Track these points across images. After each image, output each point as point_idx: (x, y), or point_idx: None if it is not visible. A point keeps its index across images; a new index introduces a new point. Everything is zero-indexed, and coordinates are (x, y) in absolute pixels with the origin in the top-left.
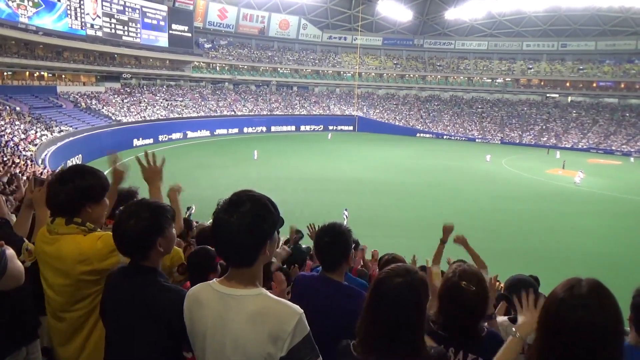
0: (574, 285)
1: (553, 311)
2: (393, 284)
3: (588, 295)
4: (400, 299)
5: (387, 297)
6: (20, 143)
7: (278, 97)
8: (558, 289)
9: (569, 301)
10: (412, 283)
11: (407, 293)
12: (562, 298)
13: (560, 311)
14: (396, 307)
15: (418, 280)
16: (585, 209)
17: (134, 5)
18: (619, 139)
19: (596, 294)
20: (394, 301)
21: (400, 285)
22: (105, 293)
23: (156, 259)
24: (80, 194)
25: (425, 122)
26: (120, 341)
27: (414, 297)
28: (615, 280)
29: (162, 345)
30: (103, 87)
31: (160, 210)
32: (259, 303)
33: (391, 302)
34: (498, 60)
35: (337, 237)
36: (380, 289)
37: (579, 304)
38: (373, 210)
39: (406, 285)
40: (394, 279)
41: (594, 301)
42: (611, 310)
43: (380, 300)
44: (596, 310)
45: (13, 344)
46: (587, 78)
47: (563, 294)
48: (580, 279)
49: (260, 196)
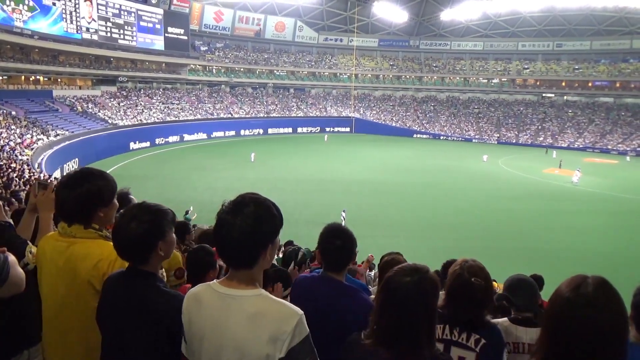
0: (580, 284)
1: (558, 310)
2: (402, 282)
3: (594, 294)
4: (408, 299)
5: (395, 295)
6: (16, 147)
7: (275, 99)
8: (563, 287)
9: (575, 300)
10: (420, 283)
11: (415, 293)
12: (568, 297)
13: (566, 310)
14: (403, 307)
15: (427, 279)
16: (583, 208)
17: (130, 8)
18: (615, 138)
19: (603, 293)
20: (402, 300)
21: (408, 284)
22: (103, 297)
23: (156, 263)
24: (90, 199)
25: (422, 123)
26: (117, 346)
27: (422, 297)
28: (614, 279)
29: (161, 351)
30: (99, 91)
31: (161, 214)
32: (259, 304)
33: (399, 301)
34: (494, 60)
35: (348, 241)
36: (389, 287)
37: (585, 302)
38: (371, 210)
39: (414, 285)
40: (403, 278)
41: (601, 300)
42: (618, 309)
43: (389, 298)
44: (603, 309)
45: (15, 348)
46: (583, 78)
47: (569, 292)
48: (586, 277)
49: (264, 199)
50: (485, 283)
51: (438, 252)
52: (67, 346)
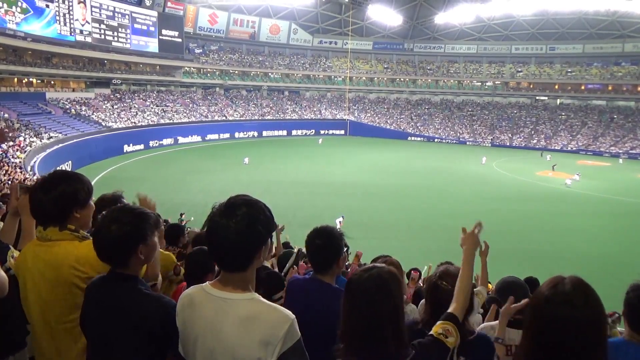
0: (558, 282)
1: (538, 310)
2: (362, 279)
3: (572, 292)
4: (368, 293)
5: (356, 293)
6: (9, 150)
7: (269, 101)
8: (542, 287)
9: (553, 299)
10: (379, 275)
11: (374, 286)
12: (547, 296)
13: (545, 309)
14: (366, 302)
15: (385, 272)
16: (577, 210)
17: (124, 10)
18: (608, 141)
19: (580, 291)
20: (363, 296)
21: (367, 279)
22: (86, 303)
23: (136, 267)
24: (66, 200)
25: (416, 126)
26: (102, 350)
27: (383, 288)
28: (608, 280)
29: (145, 355)
30: (93, 93)
31: (143, 217)
32: (251, 308)
33: (360, 299)
34: (487, 63)
35: (328, 240)
36: (350, 287)
37: (563, 301)
38: (365, 212)
39: (373, 278)
40: (362, 274)
41: (579, 298)
42: (596, 307)
43: (352, 298)
44: (581, 307)
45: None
46: (575, 80)
47: (547, 292)
48: (563, 277)
49: (256, 201)
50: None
51: (430, 254)
52: (59, 351)
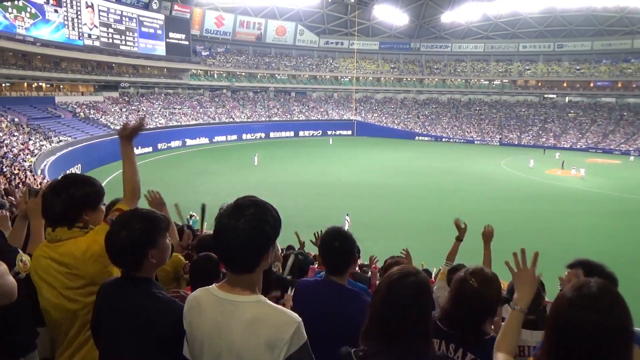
0: (583, 285)
1: (562, 312)
2: (407, 282)
3: (598, 296)
4: (413, 297)
5: (397, 297)
6: (20, 154)
7: (276, 103)
8: (567, 290)
9: (578, 302)
10: (422, 281)
11: (417, 291)
12: (570, 299)
13: (569, 312)
14: (406, 305)
15: (424, 279)
16: (587, 209)
17: (131, 14)
18: (618, 138)
19: (606, 295)
20: (405, 299)
21: (413, 283)
22: (98, 304)
23: (149, 270)
24: (76, 203)
25: (423, 125)
26: (114, 352)
27: (426, 294)
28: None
29: (154, 357)
30: (101, 97)
31: (153, 221)
32: (257, 310)
33: (402, 300)
34: (495, 62)
35: (345, 242)
36: (391, 289)
37: (588, 304)
38: (372, 213)
39: (418, 283)
40: (407, 277)
41: (604, 302)
42: (621, 311)
43: (392, 300)
44: (606, 311)
45: (9, 355)
46: (584, 78)
47: (571, 294)
48: (589, 280)
49: (263, 202)
50: (479, 287)
51: (438, 254)
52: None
